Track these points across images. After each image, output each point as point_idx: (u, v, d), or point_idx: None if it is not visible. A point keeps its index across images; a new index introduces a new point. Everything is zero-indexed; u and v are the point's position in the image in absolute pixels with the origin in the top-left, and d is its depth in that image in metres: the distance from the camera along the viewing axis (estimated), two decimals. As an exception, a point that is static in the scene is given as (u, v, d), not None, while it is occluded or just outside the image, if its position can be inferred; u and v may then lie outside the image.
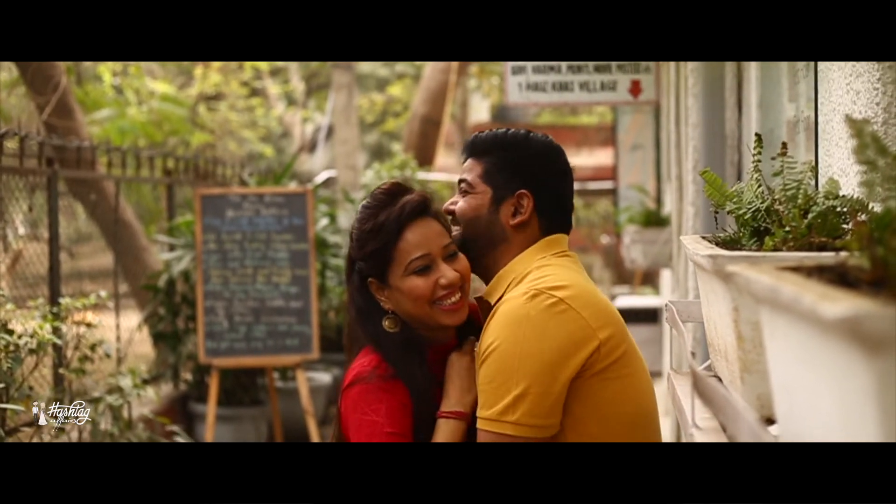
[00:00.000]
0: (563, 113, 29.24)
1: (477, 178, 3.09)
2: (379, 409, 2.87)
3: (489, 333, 2.83)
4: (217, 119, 19.65)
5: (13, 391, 5.73)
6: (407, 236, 2.95)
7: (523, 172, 3.10)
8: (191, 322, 9.43)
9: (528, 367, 2.74)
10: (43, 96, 10.21)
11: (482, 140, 3.15)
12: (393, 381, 2.90)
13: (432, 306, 2.95)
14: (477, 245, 3.06)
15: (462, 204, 3.09)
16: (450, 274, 2.95)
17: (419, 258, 2.94)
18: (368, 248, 2.97)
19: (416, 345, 2.98)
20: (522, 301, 2.81)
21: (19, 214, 8.10)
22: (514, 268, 3.01)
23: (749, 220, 2.37)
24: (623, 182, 14.58)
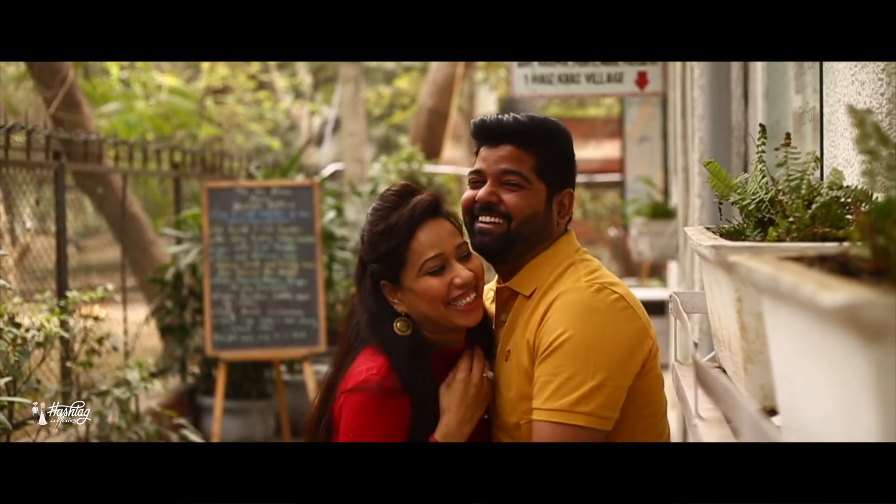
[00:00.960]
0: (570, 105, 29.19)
1: (532, 173, 3.00)
2: (376, 428, 2.84)
3: (556, 323, 2.83)
4: (224, 112, 19.66)
5: (20, 384, 5.74)
6: (420, 237, 2.92)
7: (567, 168, 3.12)
8: (198, 315, 9.44)
9: (605, 359, 2.78)
10: (50, 90, 10.22)
11: (528, 128, 3.05)
12: (398, 398, 2.87)
13: (447, 307, 2.92)
14: (529, 242, 3.02)
15: (517, 199, 2.99)
16: (465, 274, 2.92)
17: (433, 258, 2.92)
18: (381, 249, 2.94)
19: (424, 352, 2.96)
20: (590, 293, 2.85)
21: (27, 208, 8.11)
22: (551, 261, 3.02)
23: (753, 211, 2.37)
24: (630, 174, 14.58)
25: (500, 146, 3.01)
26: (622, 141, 15.76)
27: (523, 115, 3.09)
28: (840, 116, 2.91)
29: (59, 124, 9.69)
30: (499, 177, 2.99)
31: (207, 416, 9.28)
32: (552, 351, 2.79)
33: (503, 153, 3.00)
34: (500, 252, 3.01)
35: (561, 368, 2.77)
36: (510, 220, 2.98)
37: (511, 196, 2.98)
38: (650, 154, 14.07)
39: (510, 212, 2.98)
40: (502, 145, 3.01)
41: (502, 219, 2.98)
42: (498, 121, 3.05)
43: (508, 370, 2.95)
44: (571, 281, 2.92)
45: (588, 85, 8.32)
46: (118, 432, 7.08)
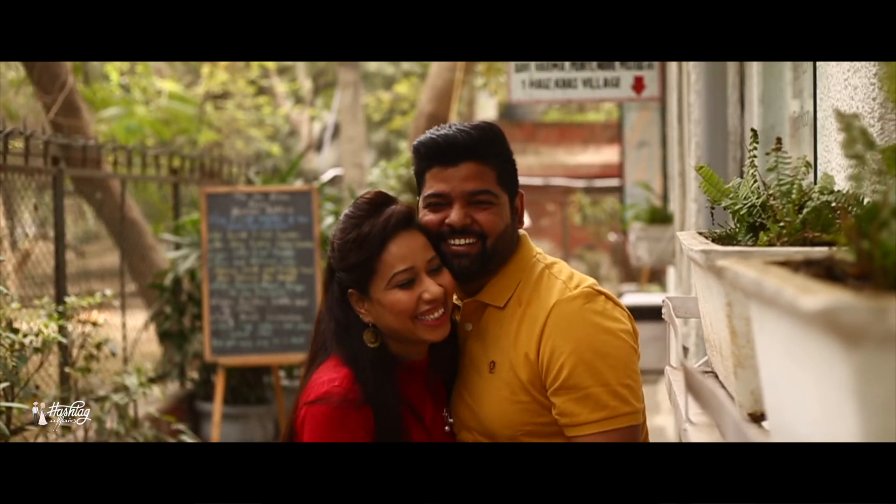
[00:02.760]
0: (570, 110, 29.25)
1: (497, 186, 2.96)
2: (342, 440, 2.79)
3: (564, 341, 2.84)
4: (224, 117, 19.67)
5: (18, 390, 5.75)
6: (391, 248, 2.87)
7: (515, 170, 3.08)
8: (197, 321, 9.44)
9: (620, 359, 2.86)
10: (50, 95, 10.23)
11: (483, 140, 2.96)
12: (361, 410, 2.81)
13: (414, 321, 2.87)
14: (502, 255, 3.00)
15: (490, 217, 2.94)
16: (434, 289, 2.87)
17: (403, 272, 2.86)
18: (351, 259, 2.89)
19: (389, 364, 2.92)
20: (582, 303, 2.88)
21: (27, 214, 8.12)
22: (518, 268, 3.01)
23: (745, 215, 2.37)
24: (629, 179, 14.59)
25: (460, 165, 2.93)
26: (621, 146, 15.77)
27: (466, 126, 3.00)
28: (833, 121, 2.92)
29: (59, 130, 9.69)
30: (468, 198, 2.93)
31: (206, 422, 9.28)
32: (572, 369, 2.81)
33: (466, 172, 2.93)
34: (478, 272, 2.96)
35: (587, 382, 2.80)
36: (485, 238, 2.93)
37: (484, 215, 2.93)
38: (649, 159, 14.08)
39: (485, 231, 2.93)
40: (462, 164, 2.93)
41: (476, 238, 2.93)
42: (452, 138, 2.94)
43: (493, 382, 2.93)
44: (558, 290, 2.91)
45: (585, 90, 8.34)
46: (116, 437, 7.09)
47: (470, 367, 3.00)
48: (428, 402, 3.00)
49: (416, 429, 2.91)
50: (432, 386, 3.03)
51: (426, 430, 2.94)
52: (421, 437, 2.91)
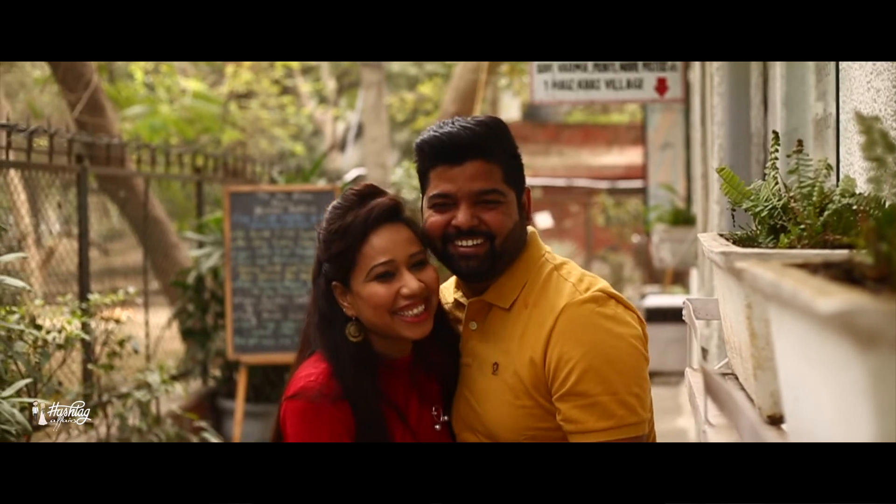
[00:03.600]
0: (594, 111, 29.23)
1: (503, 184, 2.87)
2: (322, 434, 2.77)
3: (573, 346, 2.76)
4: (248, 117, 19.71)
5: (41, 386, 5.78)
6: (372, 240, 2.83)
7: (522, 165, 3.00)
8: (219, 319, 9.47)
9: (630, 366, 2.77)
10: (74, 94, 10.28)
11: (488, 137, 2.87)
12: (339, 404, 2.79)
13: (393, 316, 2.83)
14: (511, 255, 2.92)
15: (499, 216, 2.86)
16: (413, 284, 2.82)
17: (382, 264, 2.82)
18: (333, 249, 2.86)
19: (371, 361, 2.88)
20: (594, 306, 2.80)
21: (52, 211, 8.16)
22: (525, 268, 2.93)
23: (766, 217, 2.37)
24: (653, 181, 14.56)
25: (465, 164, 2.84)
26: (645, 147, 15.74)
27: (470, 122, 2.90)
28: (855, 123, 2.91)
29: (83, 128, 9.73)
30: (474, 198, 2.85)
31: (228, 419, 9.31)
32: (581, 375, 2.73)
33: (472, 171, 2.84)
34: (488, 272, 2.90)
35: (596, 389, 2.72)
36: (493, 238, 2.86)
37: (492, 215, 2.85)
38: (673, 161, 14.05)
39: (493, 231, 2.85)
40: (467, 162, 2.84)
41: (484, 238, 2.86)
42: (457, 136, 2.85)
43: (496, 384, 2.87)
44: (567, 293, 2.83)
45: (608, 91, 8.32)
46: (139, 434, 7.12)
47: (474, 366, 2.94)
48: (413, 400, 2.93)
49: (398, 427, 2.86)
50: (419, 384, 2.96)
51: (410, 428, 2.87)
52: (404, 435, 2.86)
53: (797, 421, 1.50)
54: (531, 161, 26.98)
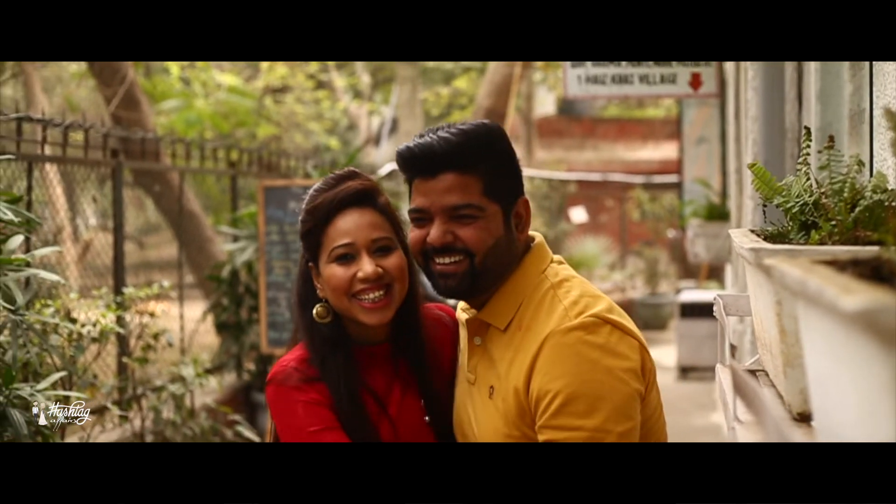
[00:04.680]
0: (629, 105, 29.15)
1: (483, 197, 2.67)
2: (296, 412, 2.78)
3: (552, 377, 2.55)
4: (283, 111, 19.77)
5: (76, 379, 5.82)
6: (337, 222, 2.80)
7: (515, 175, 2.80)
8: (254, 312, 9.50)
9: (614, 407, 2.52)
10: (110, 88, 10.34)
11: (465, 147, 2.68)
12: (312, 384, 2.80)
13: (351, 300, 2.80)
14: (496, 272, 2.73)
15: (475, 232, 2.67)
16: (368, 268, 2.77)
17: (341, 246, 2.79)
18: (303, 229, 2.86)
19: (343, 342, 2.86)
20: (580, 335, 2.56)
21: (89, 205, 8.22)
22: (521, 285, 2.74)
23: (797, 213, 2.36)
24: (688, 176, 14.51)
25: (439, 176, 2.68)
26: (680, 142, 15.69)
27: (452, 129, 2.72)
28: (888, 119, 2.89)
29: (119, 122, 9.80)
30: (448, 213, 2.68)
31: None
32: (559, 409, 2.53)
33: (445, 184, 2.67)
34: (467, 291, 2.75)
35: (575, 424, 2.52)
36: (472, 255, 2.68)
37: (467, 231, 2.67)
38: (708, 155, 14.00)
39: (470, 248, 2.68)
40: (441, 175, 2.67)
41: (463, 255, 2.69)
42: (428, 147, 2.68)
43: (491, 408, 2.72)
44: (557, 318, 2.61)
45: (641, 86, 8.29)
46: (173, 428, 7.16)
47: (476, 385, 2.80)
48: (395, 389, 2.89)
49: (377, 416, 2.84)
50: (403, 375, 2.92)
51: (389, 419, 2.84)
52: (383, 425, 2.83)
53: (824, 418, 1.49)
54: (566, 155, 26.97)
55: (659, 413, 2.77)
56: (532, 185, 20.61)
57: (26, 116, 6.33)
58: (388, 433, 2.83)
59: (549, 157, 25.96)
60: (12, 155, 5.78)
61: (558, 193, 21.61)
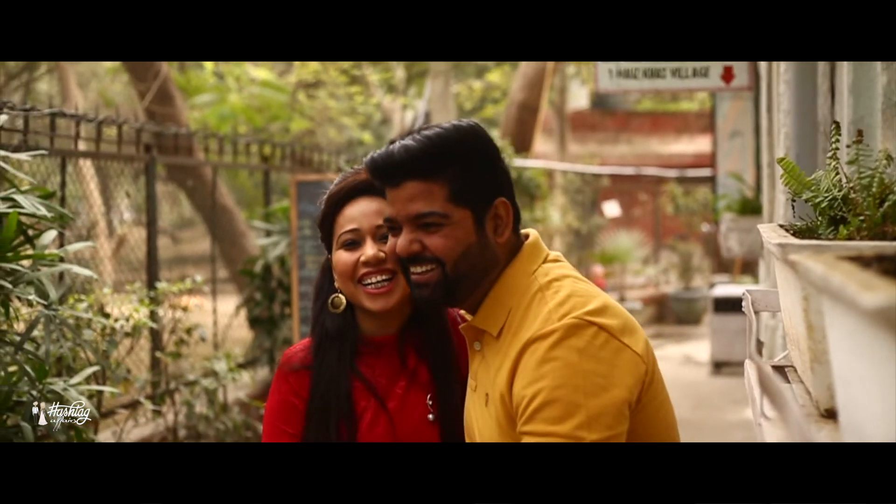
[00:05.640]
0: (663, 99, 29.07)
1: (448, 204, 2.59)
2: (272, 402, 2.90)
3: (528, 382, 2.46)
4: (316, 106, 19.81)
5: (110, 373, 5.86)
6: (345, 210, 2.87)
7: (490, 177, 2.69)
8: (286, 307, 9.52)
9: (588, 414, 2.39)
10: (144, 83, 10.40)
11: (426, 153, 2.60)
12: (298, 373, 2.89)
13: (357, 285, 2.84)
14: (472, 279, 2.64)
15: (441, 240, 2.60)
16: (370, 251, 2.81)
17: (348, 231, 2.85)
18: (318, 218, 2.94)
19: (346, 334, 2.90)
20: (559, 338, 2.45)
21: (124, 200, 8.26)
22: (510, 288, 2.65)
23: (826, 208, 2.35)
24: (722, 169, 14.44)
25: (403, 185, 2.61)
26: (713, 136, 15.62)
27: (417, 136, 2.64)
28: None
29: (153, 117, 9.85)
30: (414, 222, 2.62)
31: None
32: (533, 413, 2.43)
33: (408, 193, 2.61)
34: (443, 300, 2.69)
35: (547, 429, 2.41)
36: (442, 264, 2.61)
37: (433, 239, 2.61)
38: (742, 149, 13.92)
39: (438, 256, 2.61)
40: (404, 183, 2.61)
41: (434, 264, 2.62)
42: (388, 156, 2.62)
43: (487, 415, 2.65)
44: (541, 321, 2.51)
45: (673, 79, 8.24)
46: (205, 422, 7.19)
47: (477, 391, 2.74)
48: (400, 383, 2.90)
49: (370, 406, 2.86)
50: (412, 369, 2.92)
51: (388, 413, 2.85)
52: (377, 418, 2.85)
53: (849, 415, 1.49)
54: (600, 149, 26.92)
55: (662, 415, 2.62)
56: (565, 179, 20.58)
57: (60, 112, 6.37)
58: (384, 428, 2.84)
59: (582, 150, 25.92)
60: (45, 150, 5.81)
61: (591, 187, 21.57)
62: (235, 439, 7.38)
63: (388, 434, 2.83)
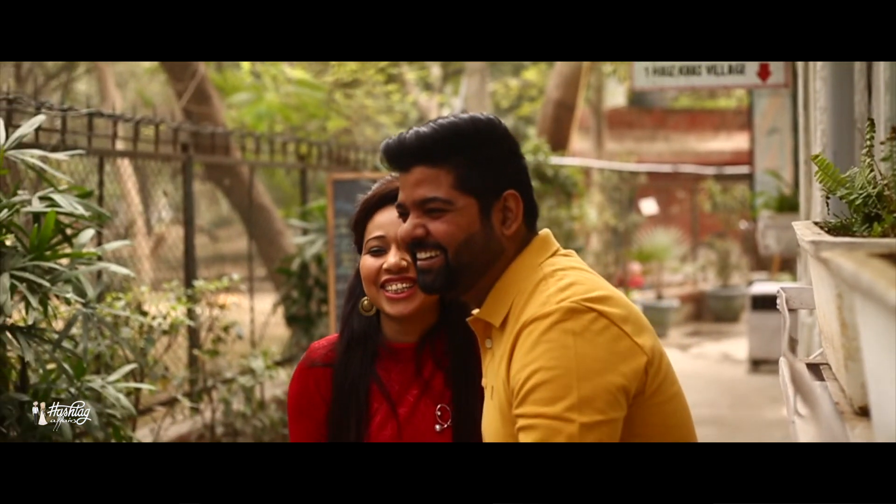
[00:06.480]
0: (700, 96, 28.92)
1: (453, 191, 2.60)
2: (293, 395, 2.99)
3: (522, 364, 2.44)
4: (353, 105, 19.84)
5: (147, 370, 5.90)
6: (376, 217, 2.92)
7: (501, 169, 2.67)
8: (323, 305, 9.54)
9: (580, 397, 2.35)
10: (182, 83, 10.45)
11: (435, 141, 2.62)
12: (322, 369, 2.97)
13: (379, 290, 2.89)
14: (474, 268, 2.63)
15: (443, 226, 2.61)
16: (392, 259, 2.86)
17: (374, 238, 2.90)
18: (352, 221, 2.99)
19: (369, 337, 2.98)
20: (556, 319, 2.43)
21: (162, 199, 8.31)
22: (515, 279, 2.63)
23: (860, 205, 2.34)
24: (760, 166, 14.37)
25: (411, 170, 2.64)
26: (751, 133, 15.54)
27: (433, 123, 2.67)
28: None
29: (190, 116, 9.90)
30: (419, 207, 2.64)
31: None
32: (526, 395, 2.40)
33: (416, 178, 2.63)
34: (446, 287, 2.68)
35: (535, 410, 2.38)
36: (445, 250, 2.62)
37: (436, 224, 2.62)
38: (780, 146, 13.85)
39: (440, 242, 2.61)
40: (413, 169, 2.64)
41: (437, 251, 2.63)
42: (400, 142, 2.65)
43: (491, 408, 2.63)
44: (538, 304, 2.49)
45: (709, 76, 8.19)
46: (243, 419, 7.23)
47: (487, 387, 2.70)
48: (412, 391, 2.94)
49: (381, 409, 2.92)
50: (426, 379, 2.95)
51: (397, 419, 2.90)
52: (387, 421, 2.91)
53: (880, 413, 1.48)
54: (637, 147, 26.83)
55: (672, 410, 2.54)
56: (602, 176, 20.54)
57: (97, 112, 6.42)
58: (392, 432, 2.89)
59: (619, 148, 25.85)
60: (83, 150, 5.86)
61: (628, 185, 21.51)
62: (272, 436, 7.42)
63: (395, 438, 2.89)
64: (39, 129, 5.29)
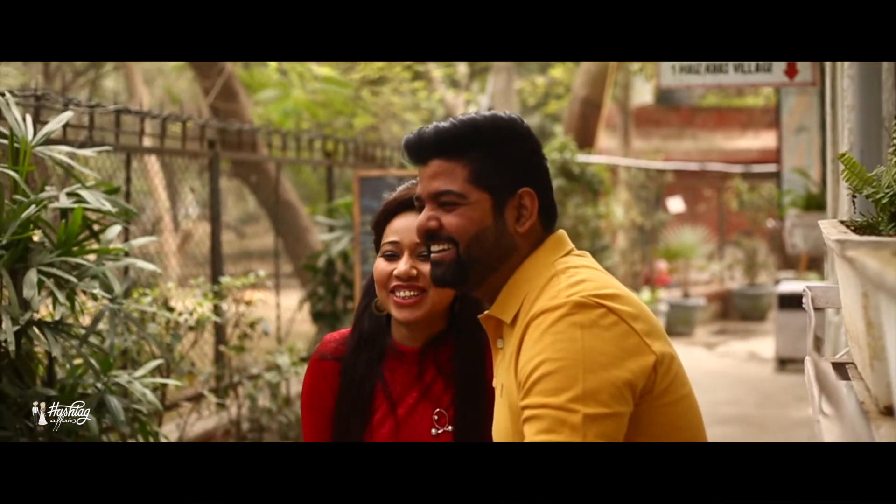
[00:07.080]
0: (728, 94, 28.81)
1: (467, 185, 2.61)
2: (305, 387, 3.08)
3: (531, 354, 2.43)
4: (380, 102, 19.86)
5: (174, 366, 5.93)
6: (394, 222, 2.98)
7: (516, 164, 2.68)
8: (349, 301, 9.56)
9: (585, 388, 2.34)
10: (209, 80, 10.48)
11: (453, 135, 2.64)
12: (331, 362, 3.05)
13: (389, 295, 2.94)
14: (486, 263, 2.64)
15: (456, 219, 2.61)
16: (403, 267, 2.91)
17: (389, 243, 2.96)
18: (372, 223, 3.04)
19: (378, 336, 3.05)
20: (564, 312, 2.43)
21: (189, 196, 8.34)
22: (527, 276, 2.62)
23: (886, 204, 2.33)
24: (787, 165, 14.31)
25: (429, 163, 2.66)
26: (779, 131, 15.48)
27: (454, 119, 2.68)
28: None
29: (217, 113, 9.93)
30: (434, 199, 2.65)
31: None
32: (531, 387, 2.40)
33: (432, 171, 2.65)
34: (456, 281, 2.67)
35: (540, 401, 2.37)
36: (457, 243, 2.62)
37: (450, 217, 2.62)
38: (807, 145, 13.79)
39: (453, 235, 2.62)
40: (431, 162, 2.65)
41: (449, 244, 2.63)
42: (420, 135, 2.67)
43: (501, 406, 2.63)
44: (547, 298, 2.50)
45: (736, 74, 8.16)
46: (268, 415, 7.25)
47: (497, 386, 2.69)
48: (412, 394, 3.00)
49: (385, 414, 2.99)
50: (427, 383, 3.01)
51: (396, 419, 2.97)
52: (386, 419, 2.98)
53: (905, 413, 1.48)
54: (664, 145, 26.75)
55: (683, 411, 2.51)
56: (629, 174, 20.48)
57: (125, 108, 6.44)
58: (390, 430, 2.97)
59: (646, 146, 25.78)
60: (111, 146, 5.89)
61: (655, 183, 21.45)
62: (298, 432, 7.44)
63: (392, 437, 2.96)
64: (67, 126, 5.31)
